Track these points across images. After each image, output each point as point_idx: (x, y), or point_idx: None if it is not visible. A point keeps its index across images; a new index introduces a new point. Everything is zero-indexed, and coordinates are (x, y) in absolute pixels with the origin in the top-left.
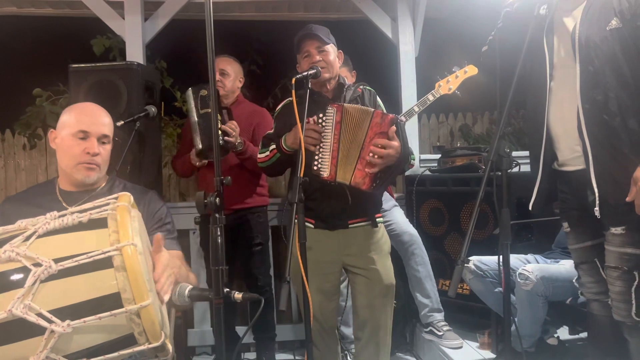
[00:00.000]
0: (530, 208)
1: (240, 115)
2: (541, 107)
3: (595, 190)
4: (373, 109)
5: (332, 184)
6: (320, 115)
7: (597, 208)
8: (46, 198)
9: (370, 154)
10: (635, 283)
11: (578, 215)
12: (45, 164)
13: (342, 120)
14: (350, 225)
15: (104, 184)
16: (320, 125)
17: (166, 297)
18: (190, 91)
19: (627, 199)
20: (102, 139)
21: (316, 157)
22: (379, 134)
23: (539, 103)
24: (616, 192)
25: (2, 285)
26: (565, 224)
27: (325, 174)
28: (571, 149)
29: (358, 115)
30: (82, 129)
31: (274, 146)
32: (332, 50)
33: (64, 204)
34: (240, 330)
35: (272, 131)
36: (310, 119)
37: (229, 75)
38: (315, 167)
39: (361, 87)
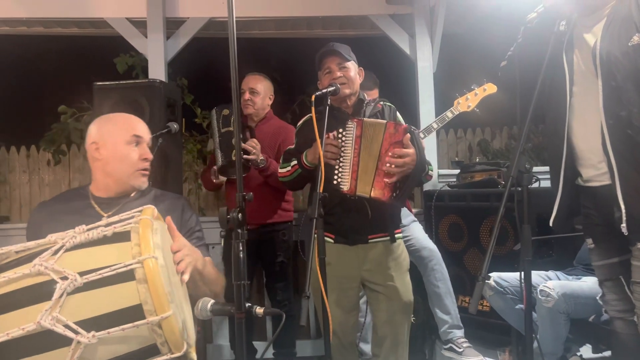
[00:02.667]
0: (551, 224)
1: (267, 132)
2: (561, 123)
3: (622, 206)
4: (386, 120)
5: (352, 198)
6: (340, 130)
7: (624, 224)
8: (81, 204)
9: (387, 164)
10: None
11: (602, 231)
12: (68, 180)
13: (362, 134)
14: (370, 240)
15: (137, 192)
16: (340, 140)
17: (185, 277)
18: (214, 111)
19: None
20: (148, 145)
21: (336, 172)
22: (394, 144)
23: (558, 119)
24: None
25: (32, 297)
26: (589, 240)
27: (345, 187)
28: (595, 166)
29: (374, 127)
30: (137, 134)
31: (295, 162)
32: (352, 67)
33: (98, 210)
34: (258, 345)
35: (293, 147)
36: (330, 134)
37: (259, 94)
38: (335, 182)
39: (381, 102)
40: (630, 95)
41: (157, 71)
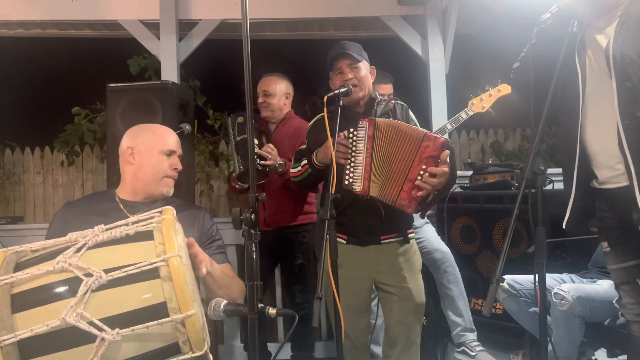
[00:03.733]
0: (564, 226)
1: (286, 133)
2: (574, 125)
3: None
4: (425, 131)
5: (364, 199)
6: (351, 130)
7: None
8: (108, 206)
9: (419, 178)
10: None
11: (618, 234)
12: (82, 181)
13: (375, 134)
14: (382, 241)
15: (161, 200)
16: (351, 139)
17: (204, 270)
18: (229, 119)
19: None
20: (180, 157)
21: (348, 172)
22: (428, 158)
23: (571, 120)
24: None
25: (56, 294)
26: (605, 244)
27: (358, 188)
28: (611, 167)
29: (402, 134)
30: (172, 149)
31: (305, 161)
32: (364, 66)
33: (125, 212)
34: (272, 347)
35: (304, 147)
36: (341, 133)
37: (274, 95)
38: (347, 182)
39: (393, 101)
40: None
41: (170, 73)
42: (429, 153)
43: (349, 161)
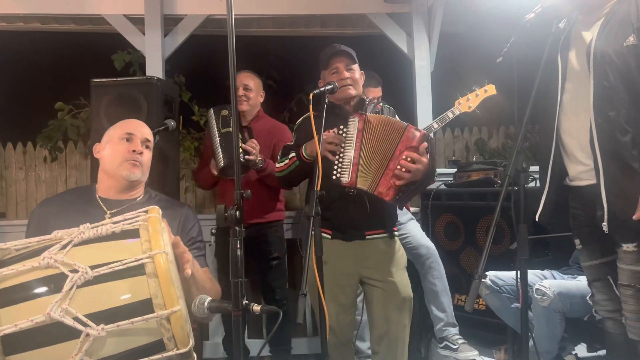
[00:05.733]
0: (537, 218)
1: (261, 131)
2: (552, 119)
3: (604, 204)
4: (407, 123)
5: (350, 193)
6: (341, 126)
7: (605, 223)
8: (86, 202)
9: (399, 167)
10: None
11: (589, 232)
12: (65, 177)
13: (365, 128)
14: (367, 237)
15: (142, 195)
16: (341, 135)
17: (189, 271)
18: (211, 111)
19: (635, 217)
20: (145, 142)
21: (336, 166)
22: (409, 148)
23: (550, 115)
24: (625, 207)
25: (41, 290)
26: (577, 241)
27: (345, 180)
28: (582, 162)
29: (387, 125)
30: (128, 132)
31: (293, 154)
32: (357, 69)
33: (103, 208)
34: (251, 343)
35: (292, 143)
36: (331, 130)
37: (252, 90)
38: (334, 177)
39: (380, 104)
40: (621, 96)
41: (155, 68)
42: (410, 144)
43: (338, 156)
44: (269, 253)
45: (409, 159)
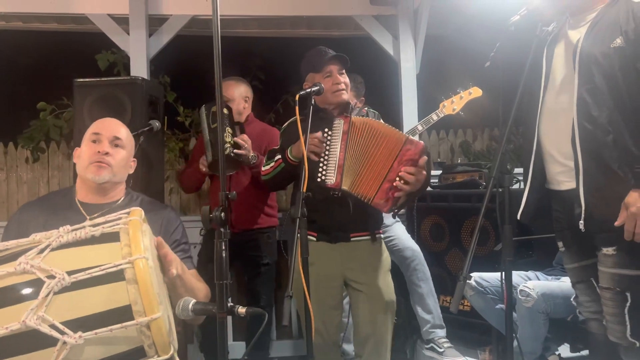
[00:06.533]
0: (518, 217)
1: (251, 135)
2: (534, 119)
3: (582, 203)
4: (407, 135)
5: (335, 195)
6: (326, 129)
7: (582, 221)
8: (66, 207)
9: (398, 179)
10: (628, 304)
11: (572, 234)
12: (47, 178)
13: (349, 130)
14: (352, 239)
15: (122, 198)
16: (326, 137)
17: (174, 271)
18: (203, 108)
19: (617, 223)
20: (114, 141)
21: (320, 169)
22: (408, 161)
23: (532, 115)
24: (603, 209)
25: (16, 296)
26: (560, 244)
27: (330, 181)
28: (561, 162)
29: (385, 134)
30: (95, 132)
31: (279, 156)
32: (347, 75)
33: (83, 213)
34: (233, 346)
35: (277, 147)
36: (316, 133)
37: (232, 100)
38: (319, 179)
39: (365, 108)
40: (604, 97)
41: (139, 68)
42: (410, 156)
43: (323, 157)
44: (260, 258)
45: (409, 173)
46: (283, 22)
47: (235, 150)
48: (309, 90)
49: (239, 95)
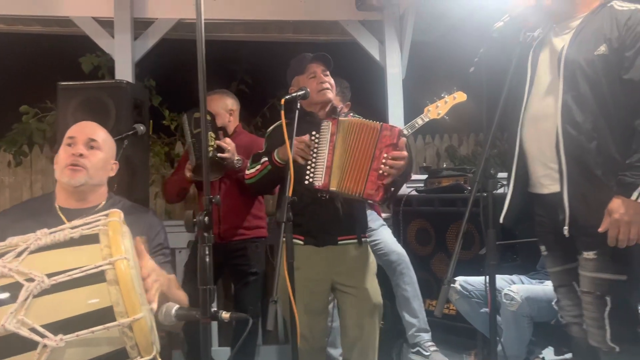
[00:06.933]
0: (501, 221)
1: (239, 146)
2: (517, 123)
3: (566, 209)
4: (380, 123)
5: (323, 197)
6: (314, 132)
7: (566, 227)
8: (45, 213)
9: (383, 166)
10: (608, 308)
11: (554, 238)
12: (30, 182)
13: (337, 131)
14: (339, 242)
15: (103, 202)
16: (314, 141)
17: (154, 305)
18: (185, 116)
19: (600, 230)
20: (89, 143)
21: (308, 171)
22: (389, 146)
23: (515, 119)
24: (586, 214)
25: None
26: (543, 248)
27: (318, 183)
28: (545, 166)
29: (361, 127)
30: (70, 135)
31: (265, 159)
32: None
33: (63, 219)
34: (219, 351)
35: (262, 151)
36: (304, 137)
37: (217, 115)
38: (307, 181)
39: (351, 114)
40: (589, 104)
41: (124, 72)
42: (389, 141)
43: (311, 160)
44: (248, 267)
45: (390, 157)
46: (270, 26)
47: (219, 154)
48: (294, 94)
49: (223, 108)
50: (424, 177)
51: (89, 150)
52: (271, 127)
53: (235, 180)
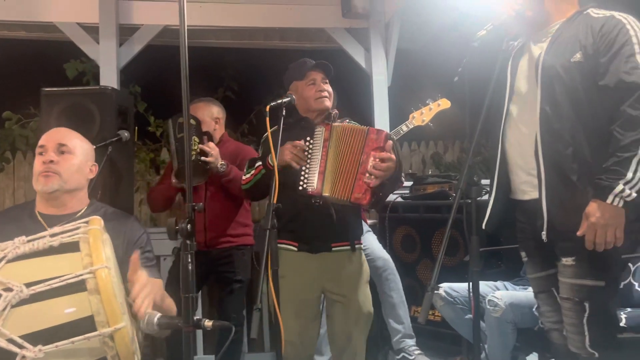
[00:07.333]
0: (483, 226)
1: (225, 153)
2: (498, 131)
3: (545, 214)
4: (367, 127)
5: (316, 203)
6: (308, 138)
7: (544, 232)
8: (26, 219)
9: (370, 168)
10: (586, 314)
11: (534, 245)
12: (12, 188)
13: (330, 137)
14: (333, 249)
15: (84, 209)
16: (308, 146)
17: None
18: (169, 121)
19: (578, 233)
20: (59, 149)
21: (302, 177)
22: (376, 149)
23: (497, 126)
24: (564, 220)
25: None
26: (523, 254)
27: (311, 188)
28: (526, 172)
29: (350, 132)
30: (40, 144)
31: (259, 163)
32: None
33: (44, 225)
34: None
35: (258, 156)
36: (298, 142)
37: (203, 123)
38: (301, 187)
39: (347, 120)
40: (566, 110)
41: (109, 78)
42: (375, 145)
43: (305, 166)
44: (233, 274)
45: (377, 159)
46: (256, 33)
47: (202, 158)
48: (280, 101)
49: (209, 117)
50: (410, 183)
51: (60, 155)
52: (266, 133)
53: (220, 187)
